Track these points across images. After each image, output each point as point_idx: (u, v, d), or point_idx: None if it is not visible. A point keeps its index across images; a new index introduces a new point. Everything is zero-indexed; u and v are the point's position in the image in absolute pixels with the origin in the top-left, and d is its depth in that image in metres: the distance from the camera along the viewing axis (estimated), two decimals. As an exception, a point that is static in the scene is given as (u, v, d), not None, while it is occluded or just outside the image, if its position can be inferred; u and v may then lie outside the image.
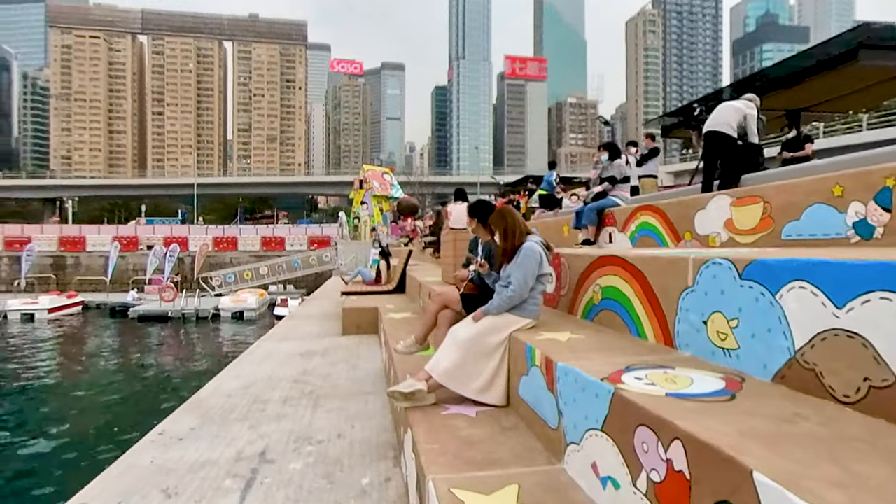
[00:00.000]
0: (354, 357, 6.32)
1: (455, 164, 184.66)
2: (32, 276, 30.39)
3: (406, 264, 9.43)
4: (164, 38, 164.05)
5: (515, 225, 3.00)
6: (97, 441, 9.61)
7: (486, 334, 2.85)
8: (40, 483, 8.26)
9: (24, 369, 15.63)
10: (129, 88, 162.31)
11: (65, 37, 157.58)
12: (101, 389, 13.28)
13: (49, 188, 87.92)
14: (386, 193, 31.00)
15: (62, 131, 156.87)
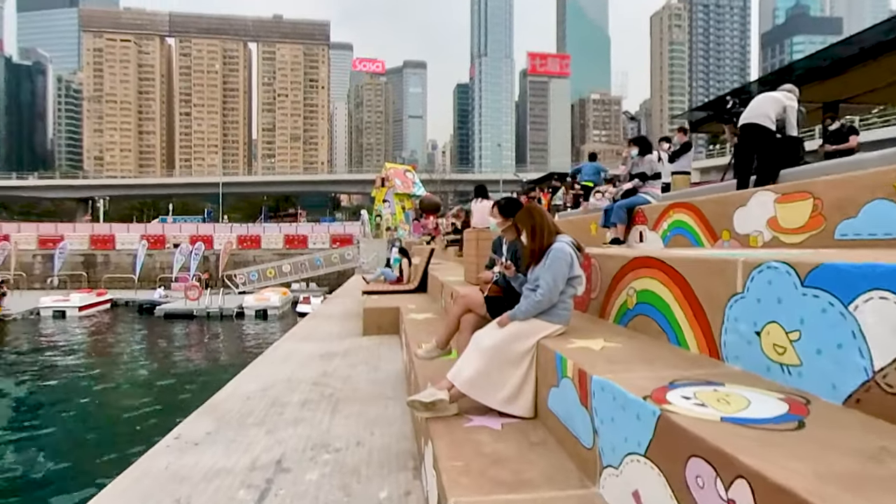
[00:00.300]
0: (375, 358, 6.18)
1: (477, 162, 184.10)
2: (64, 274, 31.15)
3: (428, 263, 9.27)
4: (191, 40, 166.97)
5: (544, 224, 2.80)
6: (121, 439, 9.69)
7: (512, 341, 2.67)
8: (63, 481, 8.34)
9: (53, 367, 15.95)
10: (157, 90, 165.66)
11: (97, 40, 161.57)
12: (127, 387, 13.46)
13: (81, 188, 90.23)
14: (408, 191, 30.90)
15: (94, 132, 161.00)
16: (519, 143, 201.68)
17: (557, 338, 2.67)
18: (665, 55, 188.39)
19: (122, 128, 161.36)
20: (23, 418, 11.24)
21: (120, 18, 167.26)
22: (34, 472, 8.78)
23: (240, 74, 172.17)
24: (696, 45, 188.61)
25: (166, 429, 3.86)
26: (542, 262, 2.73)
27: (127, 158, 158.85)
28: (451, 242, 14.79)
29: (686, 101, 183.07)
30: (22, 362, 16.77)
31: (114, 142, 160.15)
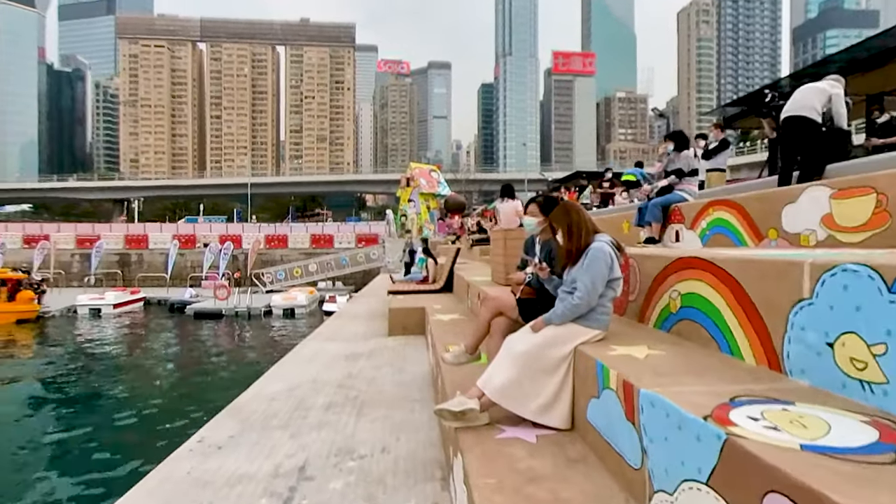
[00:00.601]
0: (400, 360, 6.05)
1: (502, 162, 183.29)
2: (101, 273, 31.91)
3: (454, 263, 9.11)
4: (222, 44, 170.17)
5: (581, 222, 2.61)
6: (149, 438, 9.76)
7: (547, 347, 2.48)
8: (92, 477, 8.43)
9: (86, 364, 16.26)
10: (189, 94, 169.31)
11: (132, 46, 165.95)
12: (157, 386, 13.63)
13: (117, 189, 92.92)
14: (433, 191, 30.74)
15: (130, 136, 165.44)
16: (544, 142, 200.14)
17: (596, 344, 2.49)
18: (692, 52, 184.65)
19: (156, 131, 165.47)
20: (54, 415, 11.43)
21: (154, 25, 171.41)
22: (62, 469, 8.89)
23: (268, 77, 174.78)
24: (724, 41, 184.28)
25: (194, 425, 3.81)
26: (580, 263, 2.55)
27: (161, 160, 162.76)
28: (477, 242, 14.62)
29: (714, 98, 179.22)
30: (57, 359, 17.17)
31: (148, 144, 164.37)
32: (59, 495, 7.90)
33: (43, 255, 30.30)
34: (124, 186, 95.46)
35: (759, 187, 5.19)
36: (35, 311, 22.70)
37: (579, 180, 18.34)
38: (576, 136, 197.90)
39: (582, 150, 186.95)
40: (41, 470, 8.72)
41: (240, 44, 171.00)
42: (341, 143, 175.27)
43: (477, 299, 5.96)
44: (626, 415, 1.87)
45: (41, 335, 20.72)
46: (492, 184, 71.55)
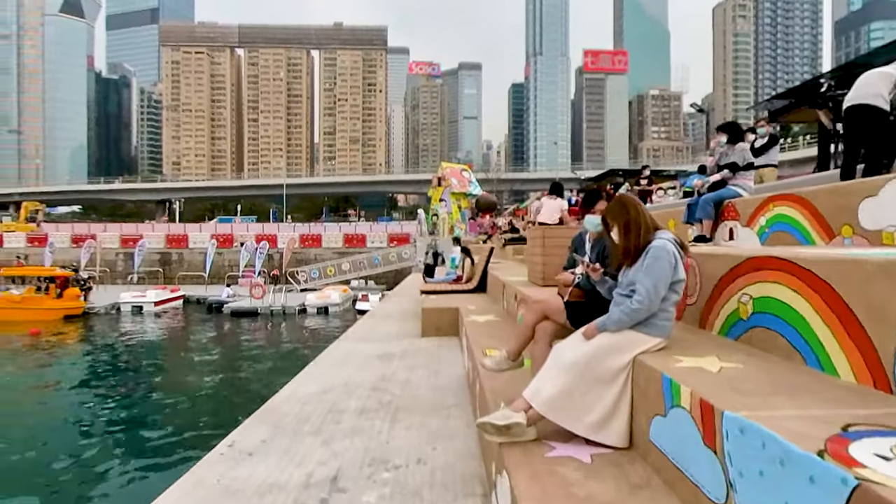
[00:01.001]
0: (435, 362, 5.84)
1: (532, 161, 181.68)
2: (143, 271, 32.78)
3: (487, 262, 8.85)
4: (259, 50, 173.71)
5: (640, 218, 2.34)
6: (184, 437, 9.80)
7: (602, 356, 2.22)
8: (123, 483, 8.48)
9: (126, 361, 16.62)
10: (228, 98, 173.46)
11: (174, 53, 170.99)
12: (193, 384, 13.75)
13: (159, 191, 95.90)
14: (464, 190, 30.62)
15: (172, 139, 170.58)
16: (574, 141, 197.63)
17: (658, 353, 2.21)
18: (729, 47, 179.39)
19: (197, 134, 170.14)
20: (92, 412, 11.57)
21: (195, 32, 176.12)
22: (97, 466, 8.97)
23: (303, 81, 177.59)
24: (762, 36, 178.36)
25: (229, 423, 3.68)
26: (639, 263, 2.27)
27: (201, 163, 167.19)
28: (510, 241, 14.33)
29: (751, 94, 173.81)
30: (99, 355, 17.65)
31: (189, 147, 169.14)
32: (94, 492, 7.97)
33: (89, 253, 31.27)
34: (166, 188, 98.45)
35: (819, 182, 4.79)
36: (81, 307, 23.41)
37: (615, 178, 17.79)
38: (607, 135, 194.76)
39: (614, 149, 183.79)
40: (79, 465, 8.84)
41: (276, 49, 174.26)
42: (373, 145, 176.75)
43: (514, 300, 5.70)
44: (705, 439, 1.60)
45: (86, 331, 21.31)
46: (523, 183, 71.01)
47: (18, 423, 10.90)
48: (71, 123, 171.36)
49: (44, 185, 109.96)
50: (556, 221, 7.55)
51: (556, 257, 5.62)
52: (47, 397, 12.67)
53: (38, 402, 12.52)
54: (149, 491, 7.77)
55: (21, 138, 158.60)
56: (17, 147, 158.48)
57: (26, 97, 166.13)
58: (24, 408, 12.23)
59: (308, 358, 14.43)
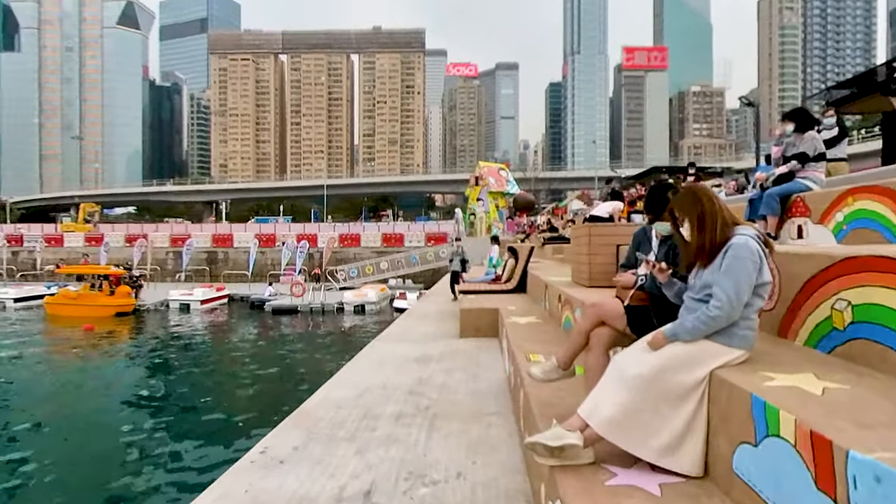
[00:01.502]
0: (474, 364, 5.56)
1: (570, 161, 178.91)
2: (191, 269, 33.70)
3: (527, 262, 8.51)
4: (301, 55, 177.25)
5: (716, 211, 2.00)
6: (223, 437, 9.79)
7: (673, 370, 1.90)
8: (159, 487, 8.52)
9: (173, 358, 16.91)
10: (272, 102, 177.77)
11: (221, 61, 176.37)
12: (235, 381, 13.88)
13: (206, 192, 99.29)
14: (502, 189, 30.25)
15: (220, 143, 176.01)
16: (613, 139, 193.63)
17: (740, 368, 1.87)
18: (775, 40, 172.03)
19: (242, 138, 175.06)
20: (134, 409, 11.68)
21: (241, 40, 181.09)
22: (138, 462, 9.04)
23: (343, 84, 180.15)
24: (811, 28, 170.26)
25: (265, 422, 3.53)
26: (716, 264, 1.94)
27: (246, 165, 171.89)
28: (549, 240, 13.92)
29: (799, 88, 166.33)
30: (146, 351, 18.10)
31: (235, 151, 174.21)
32: (134, 488, 8.02)
33: (141, 252, 32.39)
34: (213, 189, 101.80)
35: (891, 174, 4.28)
36: (132, 304, 24.17)
37: (658, 176, 17.04)
38: (647, 133, 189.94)
39: (653, 147, 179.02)
40: (122, 459, 8.96)
41: (317, 54, 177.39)
42: (411, 146, 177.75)
43: (557, 302, 5.37)
44: (818, 482, 1.27)
45: (135, 327, 21.96)
46: (561, 182, 69.81)
47: (54, 415, 11.25)
48: (127, 129, 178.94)
49: (101, 188, 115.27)
50: (606, 215, 7.19)
51: (603, 256, 5.27)
52: (89, 391, 12.98)
53: (78, 396, 12.84)
54: (187, 490, 7.82)
55: (82, 144, 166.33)
56: (79, 152, 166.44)
57: (87, 105, 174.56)
58: (65, 399, 12.63)
59: (344, 356, 14.38)
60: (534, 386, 3.08)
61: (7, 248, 38.18)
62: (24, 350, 17.48)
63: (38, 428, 10.47)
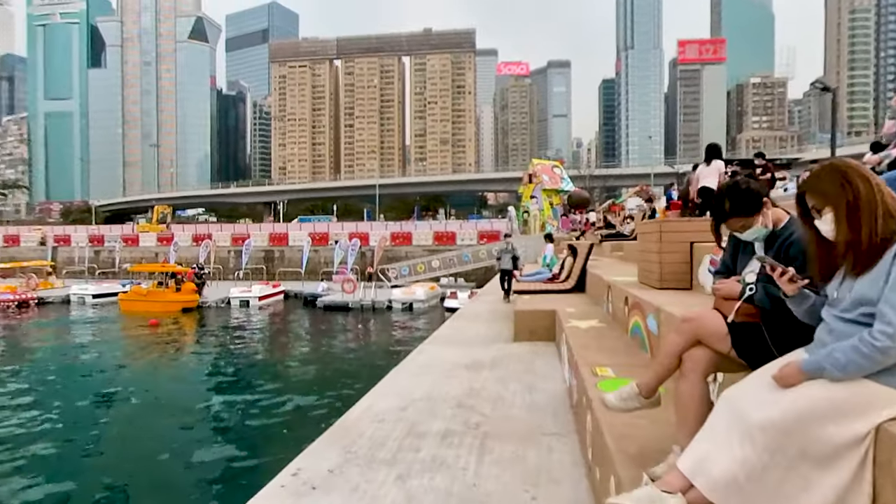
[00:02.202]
0: (529, 373, 5.05)
1: (624, 158, 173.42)
2: (249, 268, 34.64)
3: (586, 260, 7.88)
4: (354, 59, 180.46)
5: (875, 197, 1.42)
6: (273, 440, 9.66)
7: (819, 420, 1.34)
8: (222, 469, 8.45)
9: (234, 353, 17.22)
10: (327, 106, 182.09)
11: (281, 68, 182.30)
12: (284, 380, 13.87)
13: (265, 193, 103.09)
14: (556, 187, 29.36)
15: (279, 146, 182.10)
16: (668, 135, 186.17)
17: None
18: (844, 25, 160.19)
19: (300, 141, 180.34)
20: (187, 406, 11.76)
21: (299, 48, 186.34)
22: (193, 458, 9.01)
23: (394, 86, 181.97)
24: (885, 10, 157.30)
25: (309, 429, 3.22)
26: (880, 271, 1.37)
27: (303, 167, 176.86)
28: (608, 237, 13.16)
29: (871, 75, 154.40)
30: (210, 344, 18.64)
31: (293, 153, 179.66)
32: (177, 485, 7.97)
33: (206, 252, 33.65)
34: (271, 191, 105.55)
35: None
36: (196, 300, 25.06)
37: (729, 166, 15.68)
38: (703, 128, 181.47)
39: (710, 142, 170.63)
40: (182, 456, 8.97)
41: (370, 57, 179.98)
42: (463, 145, 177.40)
43: (624, 305, 4.77)
44: None
45: (200, 322, 22.80)
46: (616, 179, 67.42)
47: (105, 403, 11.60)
48: (198, 136, 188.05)
49: (175, 191, 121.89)
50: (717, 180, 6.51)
51: (676, 255, 4.63)
52: (139, 389, 13.24)
53: (131, 391, 13.18)
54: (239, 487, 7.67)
55: (159, 151, 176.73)
56: (156, 159, 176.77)
57: (163, 115, 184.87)
58: (120, 391, 13.03)
59: (392, 356, 14.12)
60: (608, 415, 2.56)
61: (90, 248, 40.67)
62: (97, 341, 18.55)
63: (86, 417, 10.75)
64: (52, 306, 26.76)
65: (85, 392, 12.71)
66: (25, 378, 14.13)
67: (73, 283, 31.00)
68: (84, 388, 13.05)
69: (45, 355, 16.67)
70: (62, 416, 10.67)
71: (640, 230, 5.43)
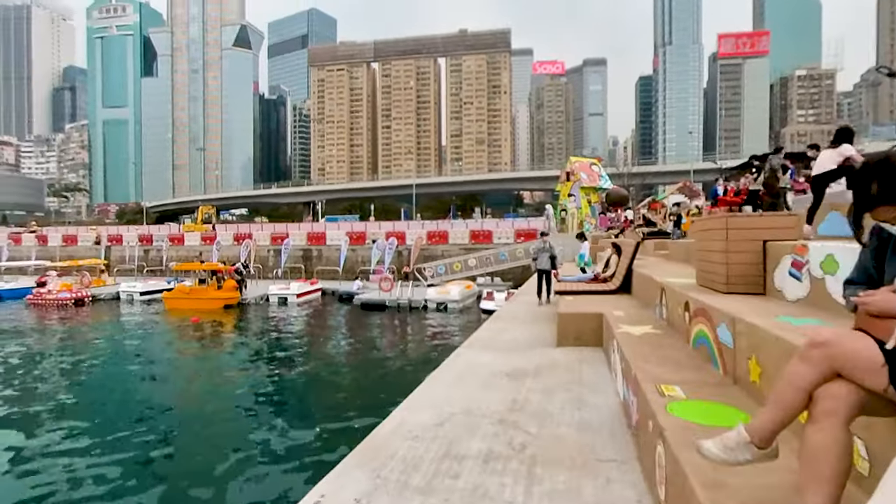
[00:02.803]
0: (577, 383, 4.53)
1: (661, 155, 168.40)
2: (288, 266, 34.95)
3: (633, 260, 7.28)
4: (391, 62, 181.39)
5: None
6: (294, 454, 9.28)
7: None
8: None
9: (271, 349, 17.15)
10: (364, 108, 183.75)
11: (319, 72, 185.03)
12: (321, 379, 13.62)
13: (304, 194, 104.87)
14: (594, 185, 28.35)
15: (318, 148, 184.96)
16: (707, 131, 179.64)
17: None
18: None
19: (338, 143, 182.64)
20: (220, 404, 11.64)
21: (337, 52, 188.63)
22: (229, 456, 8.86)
23: (430, 87, 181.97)
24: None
25: (345, 435, 2.81)
26: None
27: (342, 168, 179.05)
28: (651, 234, 12.43)
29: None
30: (248, 341, 18.67)
31: (332, 155, 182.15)
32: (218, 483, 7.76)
33: (247, 251, 34.16)
34: (309, 191, 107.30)
35: None
36: (237, 297, 25.33)
37: (760, 162, 14.45)
38: (744, 123, 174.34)
39: (751, 137, 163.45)
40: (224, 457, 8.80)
41: (406, 59, 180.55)
42: (499, 145, 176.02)
43: (683, 311, 4.21)
44: None
45: (239, 319, 22.93)
46: (654, 176, 65.17)
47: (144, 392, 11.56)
48: (241, 140, 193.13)
49: (217, 192, 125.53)
50: (835, 165, 5.80)
51: (745, 255, 4.03)
52: (177, 385, 13.32)
53: (168, 388, 13.25)
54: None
55: (205, 154, 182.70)
56: (202, 162, 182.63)
57: (209, 120, 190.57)
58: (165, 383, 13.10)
59: (427, 358, 13.72)
60: (676, 434, 2.06)
61: (140, 247, 42.04)
62: (143, 338, 18.93)
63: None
64: (104, 303, 27.59)
65: (127, 391, 12.81)
66: (72, 373, 14.46)
67: (124, 280, 31.95)
68: (127, 385, 13.19)
69: (97, 351, 17.08)
70: (93, 424, 10.41)
71: (699, 227, 4.81)
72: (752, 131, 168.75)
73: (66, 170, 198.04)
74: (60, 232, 49.28)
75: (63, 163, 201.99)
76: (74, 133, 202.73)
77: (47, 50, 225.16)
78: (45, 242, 45.59)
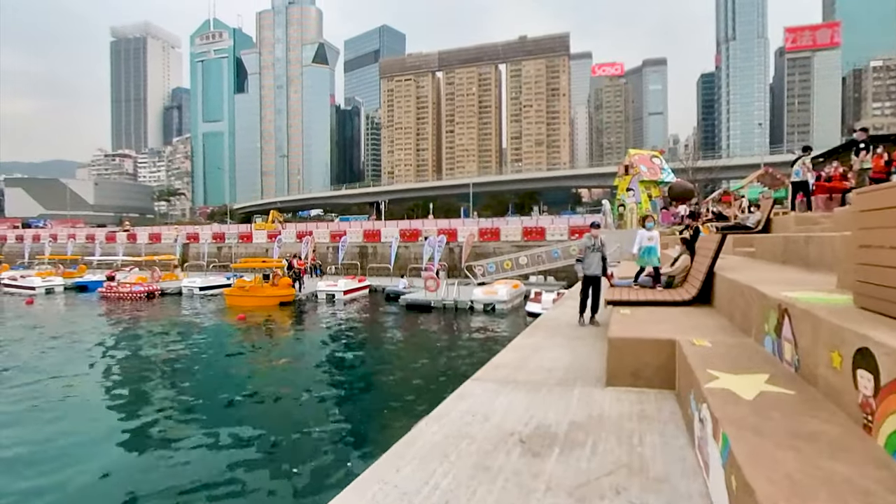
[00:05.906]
0: (634, 470, 2.47)
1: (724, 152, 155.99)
2: (345, 263, 33.89)
3: (714, 259, 5.02)
4: (454, 70, 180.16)
5: None
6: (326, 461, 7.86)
7: None
8: None
9: (315, 346, 16.04)
10: (429, 115, 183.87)
11: (389, 83, 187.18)
12: (353, 382, 12.23)
13: (370, 194, 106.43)
14: (655, 178, 24.84)
15: (388, 153, 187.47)
16: (773, 127, 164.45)
17: None
18: None
19: (405, 148, 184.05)
20: (254, 401, 10.61)
21: (405, 63, 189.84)
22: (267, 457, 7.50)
23: (491, 93, 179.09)
24: None
25: None
26: None
27: (409, 171, 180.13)
28: (728, 229, 9.88)
29: None
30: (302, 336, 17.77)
31: (400, 159, 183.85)
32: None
33: (308, 247, 33.61)
34: (374, 191, 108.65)
35: None
36: (293, 295, 24.22)
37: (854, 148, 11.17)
38: (814, 117, 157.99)
39: (821, 131, 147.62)
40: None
41: (468, 67, 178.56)
42: (557, 146, 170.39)
43: (850, 367, 2.07)
44: None
45: (294, 314, 21.88)
46: (720, 171, 59.15)
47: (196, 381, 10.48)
48: (320, 147, 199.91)
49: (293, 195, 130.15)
50: None
51: None
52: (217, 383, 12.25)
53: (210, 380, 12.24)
54: None
55: (288, 161, 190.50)
56: (286, 167, 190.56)
57: (292, 130, 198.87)
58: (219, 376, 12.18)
59: (465, 373, 11.72)
60: None
61: (213, 244, 42.94)
62: (192, 331, 18.46)
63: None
64: (170, 297, 27.64)
65: (166, 384, 12.01)
66: (118, 363, 13.90)
67: (194, 275, 32.11)
68: (197, 376, 12.64)
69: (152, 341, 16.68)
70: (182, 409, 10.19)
71: (863, 204, 2.52)
72: (824, 125, 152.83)
73: (173, 177, 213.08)
74: (147, 231, 51.47)
75: (171, 171, 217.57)
76: (180, 145, 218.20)
77: (159, 74, 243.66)
78: (135, 240, 47.39)
